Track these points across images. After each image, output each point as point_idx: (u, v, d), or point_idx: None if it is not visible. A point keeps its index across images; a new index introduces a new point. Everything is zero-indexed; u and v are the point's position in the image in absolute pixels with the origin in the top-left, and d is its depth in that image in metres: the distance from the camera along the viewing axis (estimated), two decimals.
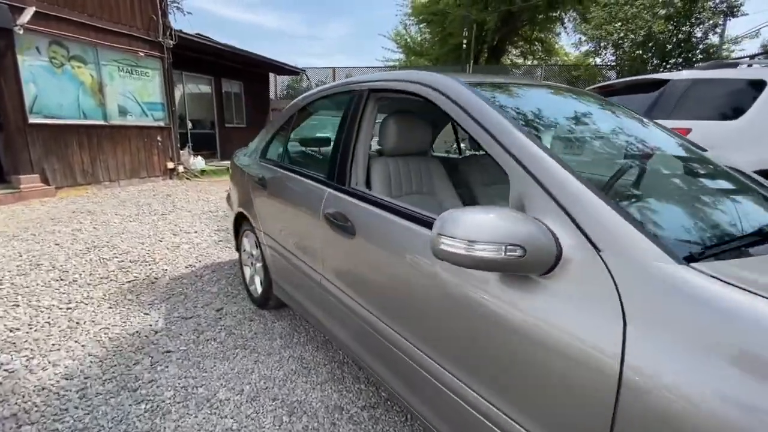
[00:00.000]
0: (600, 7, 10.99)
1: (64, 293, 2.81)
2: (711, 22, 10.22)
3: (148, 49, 7.31)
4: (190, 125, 9.63)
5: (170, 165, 7.91)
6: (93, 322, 2.42)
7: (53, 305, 2.62)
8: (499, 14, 17.18)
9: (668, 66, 10.67)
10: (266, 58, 10.41)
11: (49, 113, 6.04)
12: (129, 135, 7.16)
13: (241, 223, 2.71)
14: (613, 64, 11.79)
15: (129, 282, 3.03)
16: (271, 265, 2.20)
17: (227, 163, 10.12)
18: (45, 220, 4.71)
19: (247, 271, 2.73)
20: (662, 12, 10.53)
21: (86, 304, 2.65)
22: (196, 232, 4.45)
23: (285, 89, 15.06)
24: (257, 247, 2.48)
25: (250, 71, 11.05)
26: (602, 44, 11.80)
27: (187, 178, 8.11)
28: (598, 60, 12.74)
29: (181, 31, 7.83)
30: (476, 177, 2.10)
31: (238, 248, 2.89)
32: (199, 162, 8.63)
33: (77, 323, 2.40)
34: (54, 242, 3.90)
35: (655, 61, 10.64)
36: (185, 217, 5.12)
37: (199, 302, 2.70)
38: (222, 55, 9.42)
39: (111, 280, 3.06)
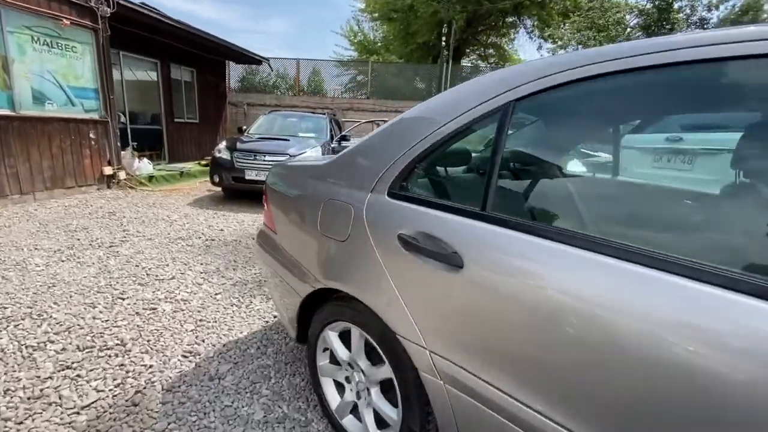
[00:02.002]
0: (584, 12, 10.87)
1: None
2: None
3: (75, 16, 5.47)
4: (122, 118, 7.69)
5: (108, 170, 6.08)
6: None
7: None
8: (466, 15, 16.82)
9: None
10: (226, 41, 8.75)
11: None
12: (49, 130, 5.28)
13: (322, 303, 1.51)
14: None
15: (86, 408, 1.65)
16: (460, 426, 1.06)
17: (181, 165, 8.24)
18: None
19: (335, 394, 1.54)
20: (636, 22, 10.64)
21: None
22: (173, 277, 3.03)
23: (239, 81, 13.20)
24: (374, 362, 1.33)
25: (204, 57, 9.26)
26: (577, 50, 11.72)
27: (131, 187, 6.32)
28: None
29: None
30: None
31: (304, 339, 1.67)
32: (145, 166, 6.84)
33: None
34: None
35: None
36: (147, 249, 3.62)
37: None
38: (172, 33, 7.63)
39: (48, 404, 1.66)
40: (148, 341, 2.15)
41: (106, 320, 2.34)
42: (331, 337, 1.49)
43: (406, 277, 1.13)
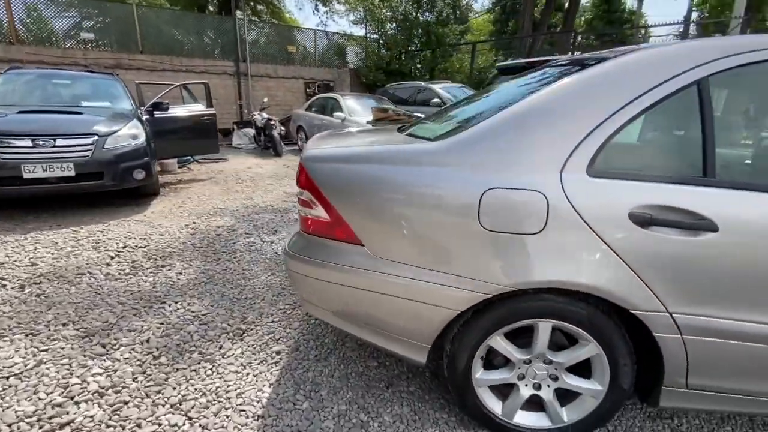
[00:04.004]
0: None
1: None
2: (437, 9, 12.73)
3: None
4: None
5: None
6: None
7: None
8: None
9: (417, 50, 12.56)
10: None
11: None
12: None
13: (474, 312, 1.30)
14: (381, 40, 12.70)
15: None
16: (691, 364, 1.20)
17: None
18: None
19: (495, 400, 1.42)
20: None
21: None
22: (37, 362, 1.79)
23: None
24: (558, 348, 1.29)
25: None
26: (366, 18, 12.52)
27: None
28: (361, 32, 13.47)
29: None
30: None
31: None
32: None
33: None
34: None
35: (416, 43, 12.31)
36: None
37: None
38: None
39: None
40: None
41: None
42: (500, 341, 1.32)
43: (644, 253, 1.13)
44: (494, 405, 1.41)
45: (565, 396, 1.38)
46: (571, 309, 1.23)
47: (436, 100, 8.49)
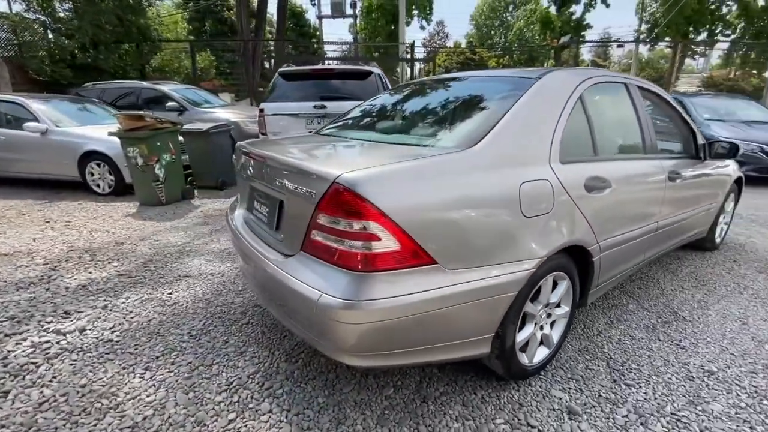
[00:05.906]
0: None
1: None
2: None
3: None
4: None
5: None
6: None
7: None
8: None
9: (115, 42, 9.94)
10: None
11: None
12: None
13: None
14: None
15: None
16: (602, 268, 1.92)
17: None
18: None
19: (523, 355, 1.71)
20: None
21: None
22: None
23: None
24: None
25: None
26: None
27: None
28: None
29: None
30: None
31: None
32: None
33: None
34: None
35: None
36: None
37: None
38: None
39: None
40: None
41: None
42: (530, 304, 1.63)
43: (590, 208, 1.72)
44: (524, 359, 1.72)
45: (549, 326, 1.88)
46: (561, 260, 1.70)
47: (172, 103, 7.26)
